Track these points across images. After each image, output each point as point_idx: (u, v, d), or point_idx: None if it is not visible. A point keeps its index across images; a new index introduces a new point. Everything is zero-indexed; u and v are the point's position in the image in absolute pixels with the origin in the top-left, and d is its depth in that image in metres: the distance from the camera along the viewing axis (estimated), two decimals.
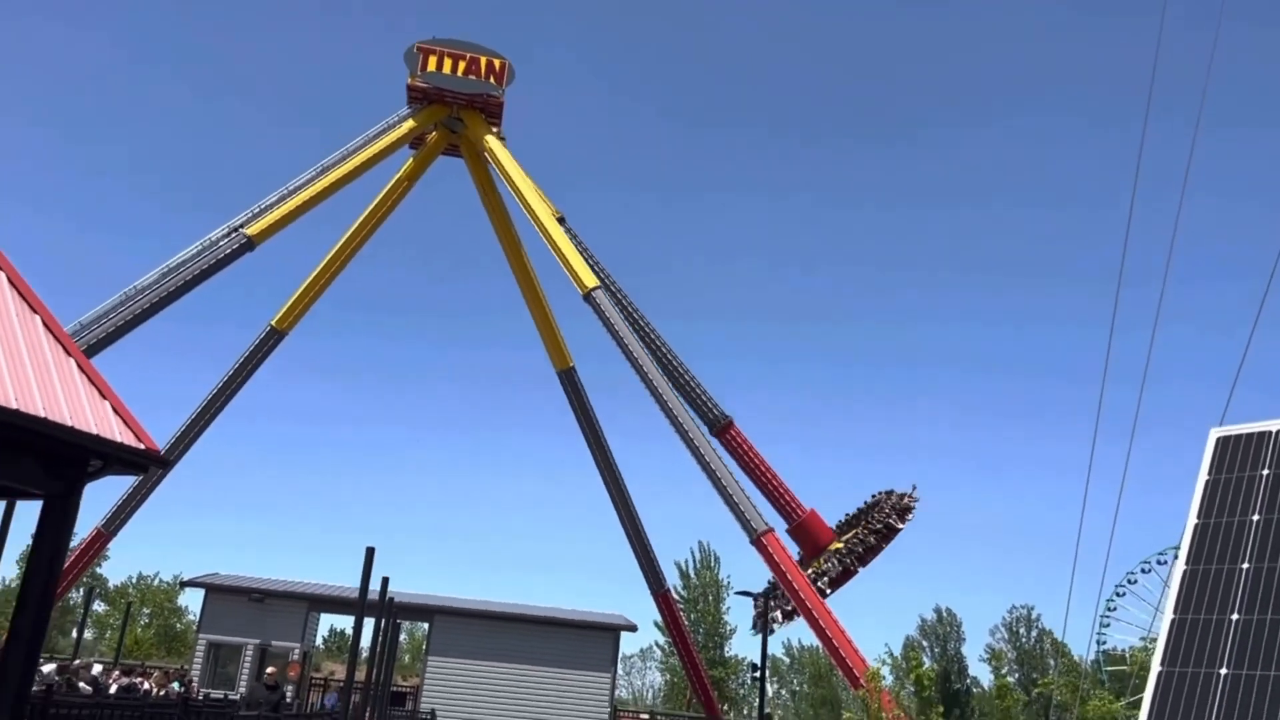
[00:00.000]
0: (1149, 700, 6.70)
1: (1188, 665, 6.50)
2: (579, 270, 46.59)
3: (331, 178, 46.88)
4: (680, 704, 65.01)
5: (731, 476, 43.97)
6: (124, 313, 40.83)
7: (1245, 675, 6.26)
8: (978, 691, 75.15)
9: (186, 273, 42.72)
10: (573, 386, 51.50)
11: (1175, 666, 6.57)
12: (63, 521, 9.46)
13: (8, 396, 8.68)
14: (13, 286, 10.05)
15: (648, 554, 51.60)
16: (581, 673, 32.04)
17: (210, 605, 32.33)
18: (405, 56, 49.73)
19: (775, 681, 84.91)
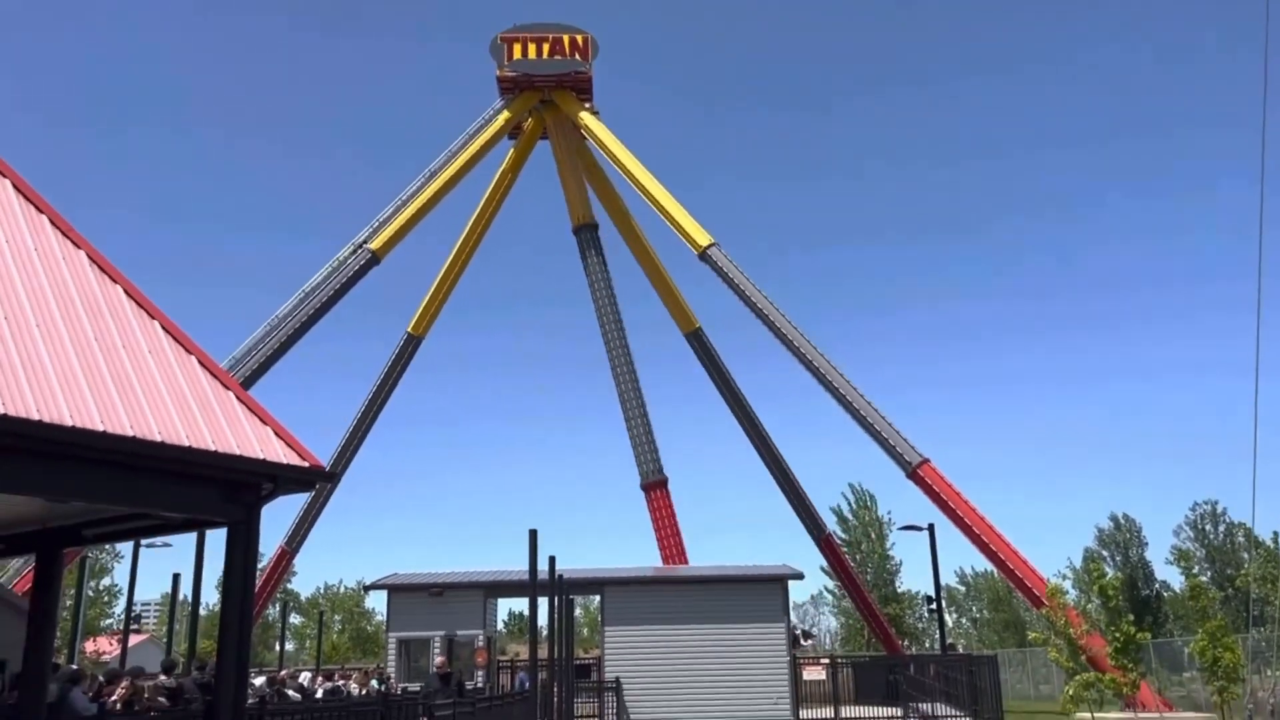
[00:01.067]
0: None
1: None
2: (691, 230, 46.52)
3: (440, 181, 48.05)
4: (858, 645, 64.77)
5: (877, 412, 43.38)
6: (271, 342, 43.01)
7: None
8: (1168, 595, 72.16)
9: (322, 295, 44.63)
10: (702, 347, 51.55)
11: None
12: (246, 544, 10.09)
13: (179, 435, 9.30)
14: (167, 334, 10.72)
15: (803, 502, 51.46)
16: (755, 625, 32.25)
17: (394, 605, 33.87)
18: (491, 49, 50.34)
19: (954, 611, 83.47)
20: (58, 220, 10.80)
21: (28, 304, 9.33)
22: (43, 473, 8.42)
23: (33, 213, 10.63)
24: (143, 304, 10.72)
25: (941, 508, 41.42)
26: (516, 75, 49.63)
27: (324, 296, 44.54)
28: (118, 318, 10.24)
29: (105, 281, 10.63)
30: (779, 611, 32.99)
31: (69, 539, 11.61)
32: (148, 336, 10.37)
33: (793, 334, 44.44)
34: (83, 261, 10.61)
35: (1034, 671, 49.17)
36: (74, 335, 9.44)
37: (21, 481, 8.39)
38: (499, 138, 50.27)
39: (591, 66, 50.13)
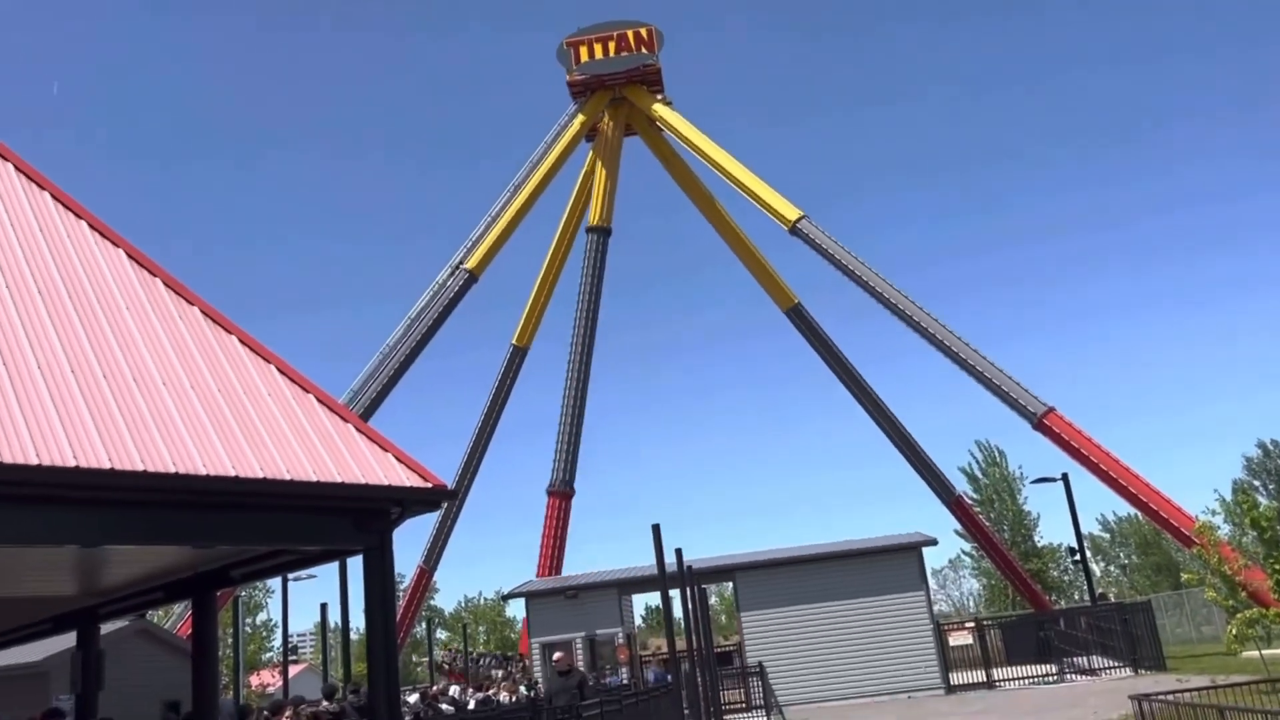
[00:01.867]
0: None
1: None
2: (778, 206, 46.09)
3: (525, 193, 48.67)
4: (1003, 605, 63.18)
5: (993, 365, 42.27)
6: (386, 370, 44.28)
7: None
8: None
9: (426, 319, 45.73)
10: (804, 321, 50.98)
11: None
12: (382, 568, 10.42)
13: (307, 472, 9.65)
14: (284, 375, 11.15)
15: (928, 466, 50.45)
16: (894, 596, 31.83)
17: (533, 611, 34.57)
18: (558, 56, 50.74)
19: (1100, 559, 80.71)
20: (170, 281, 11.33)
21: (150, 360, 9.81)
22: (184, 522, 8.85)
23: (146, 276, 11.18)
24: (257, 350, 11.17)
25: (1073, 455, 40.11)
26: (586, 78, 49.92)
27: (429, 320, 45.62)
28: (236, 365, 10.68)
29: (220, 332, 11.10)
30: (916, 580, 32.46)
31: (219, 581, 12.18)
32: (266, 381, 10.79)
33: (896, 296, 43.63)
34: (198, 316, 11.11)
35: (1193, 614, 47.16)
36: (197, 386, 9.89)
37: (167, 532, 8.84)
38: (577, 142, 50.65)
39: (659, 57, 50.09)
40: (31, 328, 9.18)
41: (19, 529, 7.95)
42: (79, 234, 11.12)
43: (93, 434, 8.32)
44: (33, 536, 8.08)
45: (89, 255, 10.89)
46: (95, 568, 11.42)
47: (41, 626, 14.62)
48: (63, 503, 8.06)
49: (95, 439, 8.28)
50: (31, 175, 11.53)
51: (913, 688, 30.68)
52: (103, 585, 12.67)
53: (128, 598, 13.11)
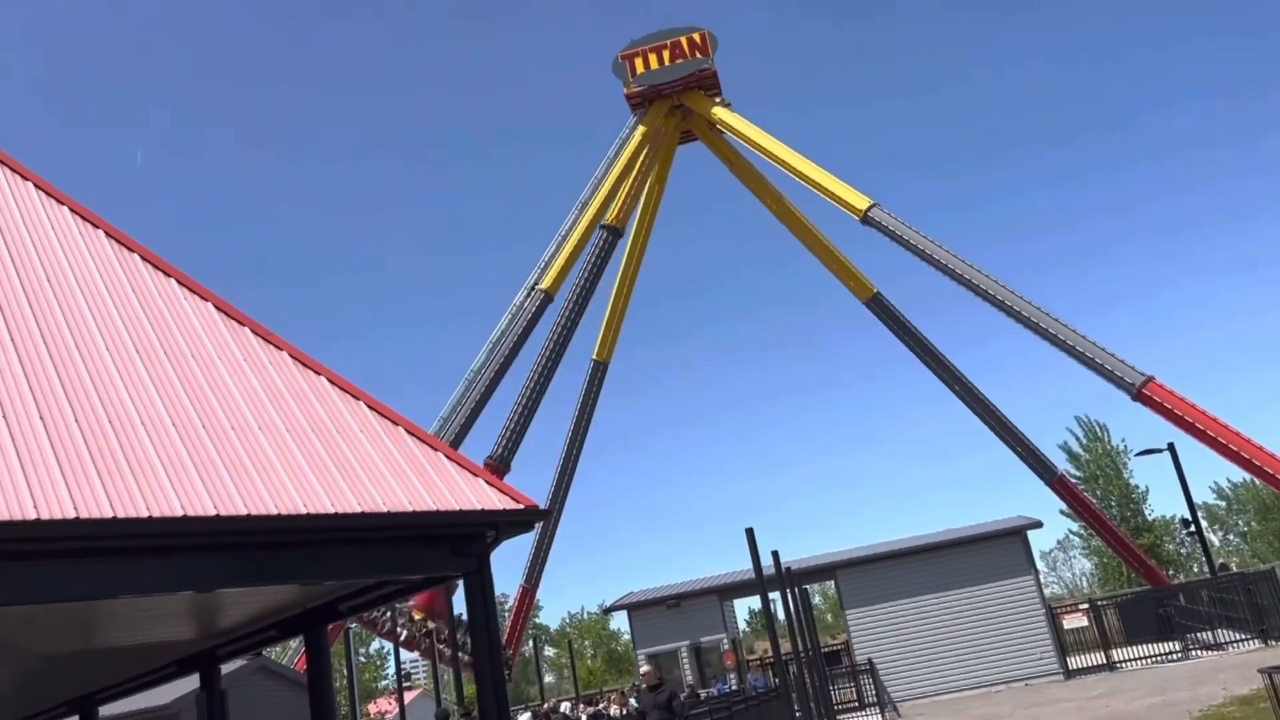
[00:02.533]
0: None
1: None
2: (847, 197, 45.58)
3: (593, 209, 48.98)
4: (1118, 583, 61.22)
5: (1085, 339, 41.11)
6: (473, 396, 44.94)
7: None
8: None
9: (507, 342, 46.31)
10: (885, 310, 50.23)
11: None
12: (483, 591, 10.58)
13: (402, 503, 9.88)
14: (372, 410, 11.43)
15: (1027, 446, 49.18)
16: (1002, 583, 31.13)
17: (637, 622, 34.70)
18: (614, 70, 51.00)
19: (1217, 529, 77.67)
20: (258, 329, 11.73)
21: (246, 407, 10.15)
22: (290, 561, 9.12)
23: (235, 325, 11.59)
24: (345, 387, 11.47)
25: (1177, 424, 38.71)
26: (643, 89, 50.07)
27: (510, 343, 46.18)
28: (326, 404, 10.99)
29: (309, 374, 11.44)
30: (1024, 564, 31.71)
31: (328, 615, 12.52)
32: (356, 417, 11.07)
33: (978, 277, 42.69)
34: (287, 360, 11.47)
35: None
36: (292, 429, 10.20)
37: (273, 572, 9.13)
38: (639, 154, 50.78)
39: (714, 61, 50.02)
40: (132, 385, 9.58)
41: (135, 579, 8.29)
42: (169, 291, 11.57)
43: (197, 483, 8.65)
44: (149, 586, 8.41)
45: (180, 311, 11.32)
46: (211, 611, 11.84)
47: (166, 670, 15.18)
48: (174, 551, 8.40)
49: (200, 488, 8.60)
50: (121, 240, 12.05)
51: (1029, 675, 29.94)
52: (219, 627, 13.11)
53: (243, 638, 13.55)
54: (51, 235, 11.56)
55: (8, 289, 10.17)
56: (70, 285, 10.81)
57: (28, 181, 12.32)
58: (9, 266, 10.58)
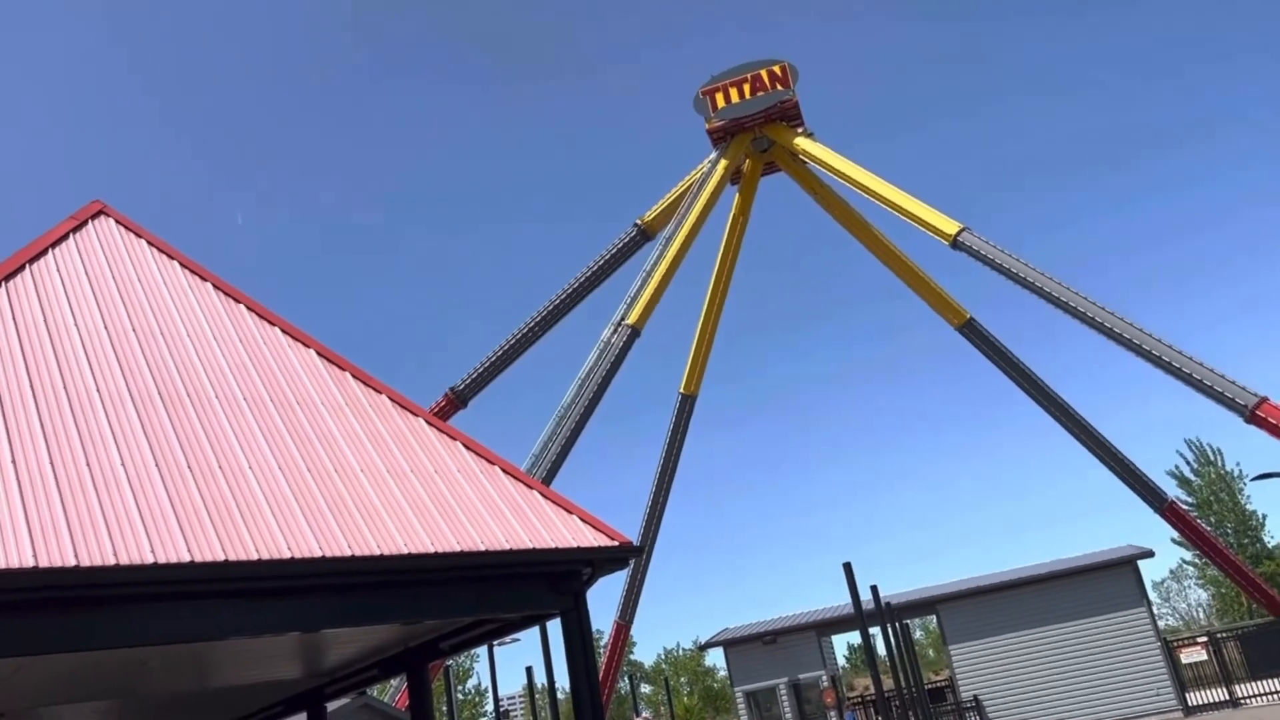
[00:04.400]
0: None
1: None
2: (936, 222, 44.88)
3: (677, 244, 49.13)
4: (1238, 615, 58.32)
5: (1192, 360, 39.55)
6: (563, 432, 45.26)
7: None
8: None
9: (596, 378, 46.59)
10: (980, 336, 49.12)
11: None
12: (580, 628, 10.63)
13: (500, 542, 10.01)
14: (469, 450, 11.64)
15: (1133, 473, 47.35)
16: (1113, 615, 29.96)
17: (733, 659, 34.32)
18: (695, 106, 51.31)
19: None
20: (359, 373, 12.06)
21: (348, 450, 10.43)
22: (392, 600, 9.32)
23: (336, 371, 11.94)
24: (443, 429, 11.72)
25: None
26: (725, 123, 50.24)
27: (598, 378, 46.45)
28: (425, 447, 11.22)
29: (408, 416, 11.71)
30: (1136, 595, 30.49)
31: (430, 654, 12.71)
32: (454, 458, 11.28)
33: (1076, 300, 41.50)
34: (386, 403, 11.77)
35: None
36: (393, 471, 10.44)
37: (376, 612, 9.32)
38: (722, 188, 50.84)
39: (795, 92, 49.98)
40: (241, 432, 9.94)
41: (245, 620, 8.55)
42: (274, 340, 11.99)
43: (303, 526, 8.91)
44: (258, 627, 8.66)
45: (284, 358, 11.72)
46: (317, 651, 12.12)
47: (275, 709, 15.57)
48: (282, 593, 8.64)
49: (306, 530, 8.86)
50: (228, 291, 12.54)
51: (1145, 711, 28.66)
52: (325, 667, 13.41)
53: (348, 676, 13.82)
54: (163, 288, 12.10)
55: (124, 342, 10.66)
56: (181, 337, 11.29)
57: (141, 238, 12.94)
58: (124, 320, 11.09)
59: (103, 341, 10.52)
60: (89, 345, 10.34)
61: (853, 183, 47.43)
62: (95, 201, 13.19)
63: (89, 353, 10.21)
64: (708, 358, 51.36)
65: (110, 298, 11.41)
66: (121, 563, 7.54)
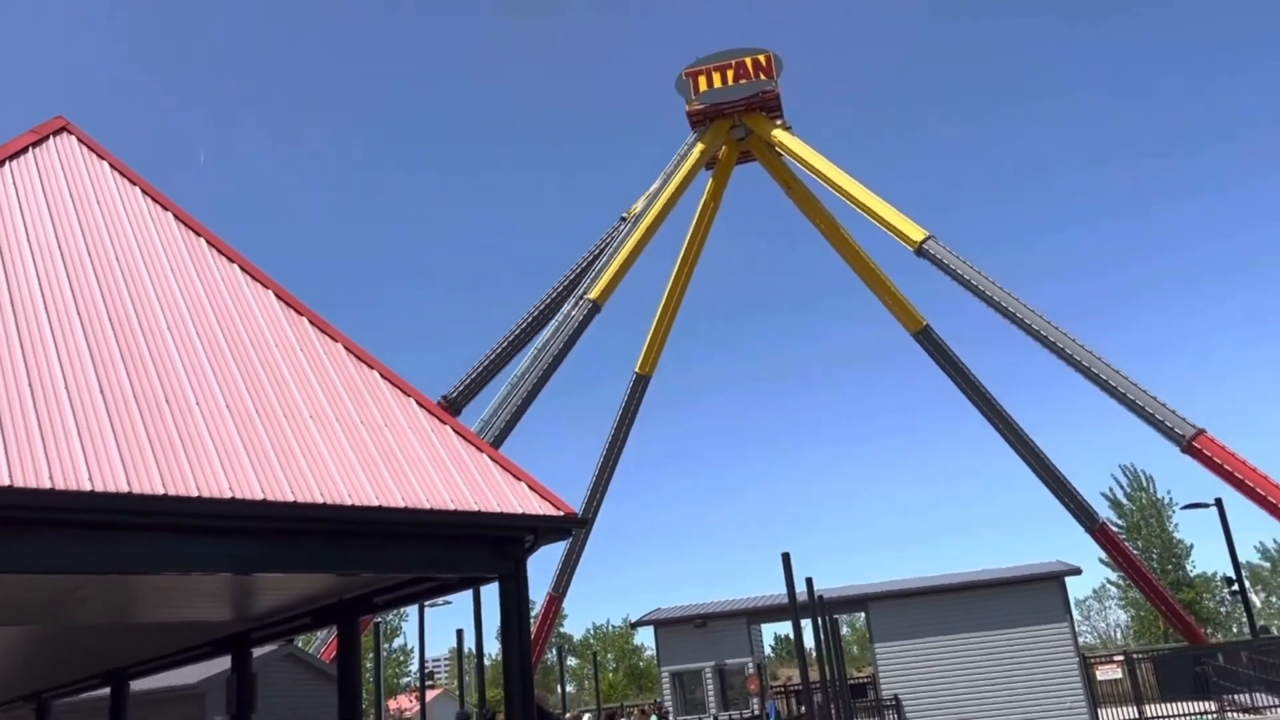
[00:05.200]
0: None
1: None
2: (903, 227, 45.27)
3: (646, 224, 49.09)
4: (1155, 637, 59.91)
5: (1137, 386, 40.39)
6: (514, 400, 45.12)
7: None
8: None
9: (552, 349, 46.47)
10: (933, 344, 49.77)
11: None
12: (518, 595, 10.61)
13: (445, 501, 9.93)
14: (422, 408, 11.53)
15: (1070, 492, 48.39)
16: (1035, 628, 30.60)
17: (663, 639, 34.55)
18: (677, 87, 51.19)
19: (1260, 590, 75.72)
20: (316, 319, 11.87)
21: (299, 396, 10.28)
22: (331, 551, 9.21)
23: (293, 315, 11.75)
24: (396, 383, 11.58)
25: (1227, 479, 37.85)
26: (705, 107, 50.18)
27: (555, 350, 46.34)
28: (378, 399, 11.09)
29: (363, 367, 11.56)
30: (1060, 610, 31.15)
31: (363, 607, 12.61)
32: (406, 413, 11.17)
33: (1030, 317, 42.16)
34: (341, 352, 11.60)
35: None
36: (342, 420, 10.31)
37: (314, 561, 9.22)
38: (696, 171, 50.86)
39: (778, 83, 50.00)
40: (191, 367, 9.74)
41: (179, 556, 8.41)
42: (232, 277, 11.76)
43: (247, 467, 8.76)
44: (191, 564, 8.53)
45: (241, 297, 11.50)
46: (248, 594, 11.98)
47: (200, 650, 15.36)
48: (220, 533, 8.51)
49: (249, 472, 8.72)
50: (189, 223, 12.26)
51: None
52: (255, 611, 13.26)
53: (278, 623, 13.68)
54: (122, 213, 11.78)
55: (77, 264, 10.37)
56: (137, 264, 11.01)
57: (104, 160, 12.59)
58: (79, 241, 10.79)
59: (55, 260, 10.23)
60: (40, 263, 10.05)
61: (825, 180, 47.66)
62: (58, 118, 12.79)
63: (40, 270, 9.92)
64: (666, 339, 51.48)
65: (66, 217, 11.10)
66: (57, 487, 7.37)
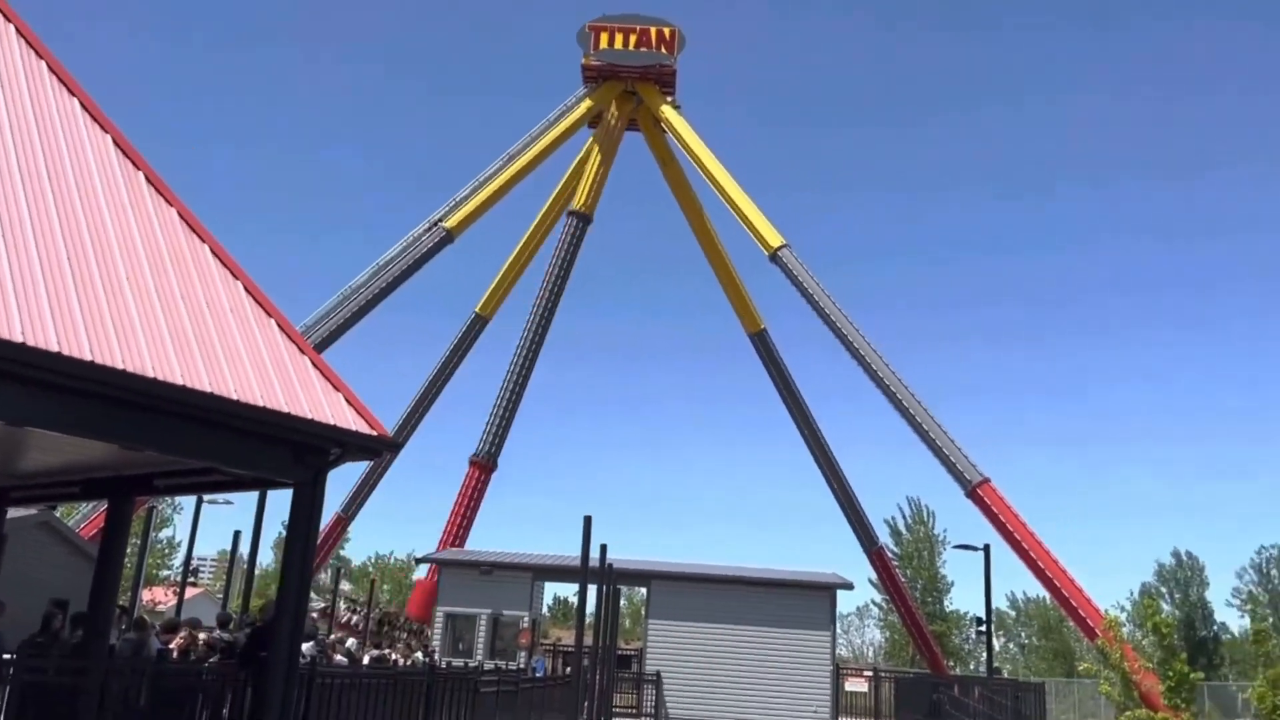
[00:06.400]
0: None
1: None
2: (763, 230, 46.26)
3: (518, 165, 48.37)
4: (902, 660, 64.02)
5: (939, 426, 42.75)
6: (344, 311, 43.73)
7: None
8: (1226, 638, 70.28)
9: (394, 269, 45.26)
10: (766, 349, 51.25)
11: None
12: (312, 506, 10.29)
13: (255, 395, 9.49)
14: (250, 295, 10.95)
15: (857, 512, 50.94)
16: (800, 632, 32.07)
17: (446, 579, 34.34)
18: (578, 37, 50.50)
19: (1001, 635, 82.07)
20: (153, 177, 11.09)
21: (120, 257, 9.58)
22: (121, 420, 8.65)
23: (130, 168, 10.93)
24: (228, 263, 10.96)
25: (999, 529, 40.69)
26: (601, 65, 49.72)
27: (398, 270, 45.16)
28: (204, 276, 10.48)
29: (194, 239, 10.88)
30: (825, 620, 32.75)
31: (140, 487, 11.94)
32: (231, 296, 10.60)
33: (859, 341, 43.97)
34: (174, 219, 10.88)
35: (1080, 704, 48.15)
36: (161, 290, 9.68)
37: (100, 427, 8.64)
38: (579, 125, 50.41)
39: (677, 60, 50.02)
40: (4, 200, 8.92)
41: None
42: (70, 113, 10.84)
43: (46, 316, 8.11)
44: None
45: (76, 135, 10.61)
46: (17, 448, 11.14)
47: None
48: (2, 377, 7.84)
49: (49, 320, 8.07)
50: (33, 42, 11.20)
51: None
52: (21, 468, 12.37)
53: (46, 486, 12.83)
54: None
55: None
56: None
57: None
58: None
59: None
60: None
61: (701, 167, 48.12)
62: None
63: None
64: (513, 285, 50.91)
65: None
66: None
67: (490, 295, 50.05)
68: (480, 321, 49.91)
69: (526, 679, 19.30)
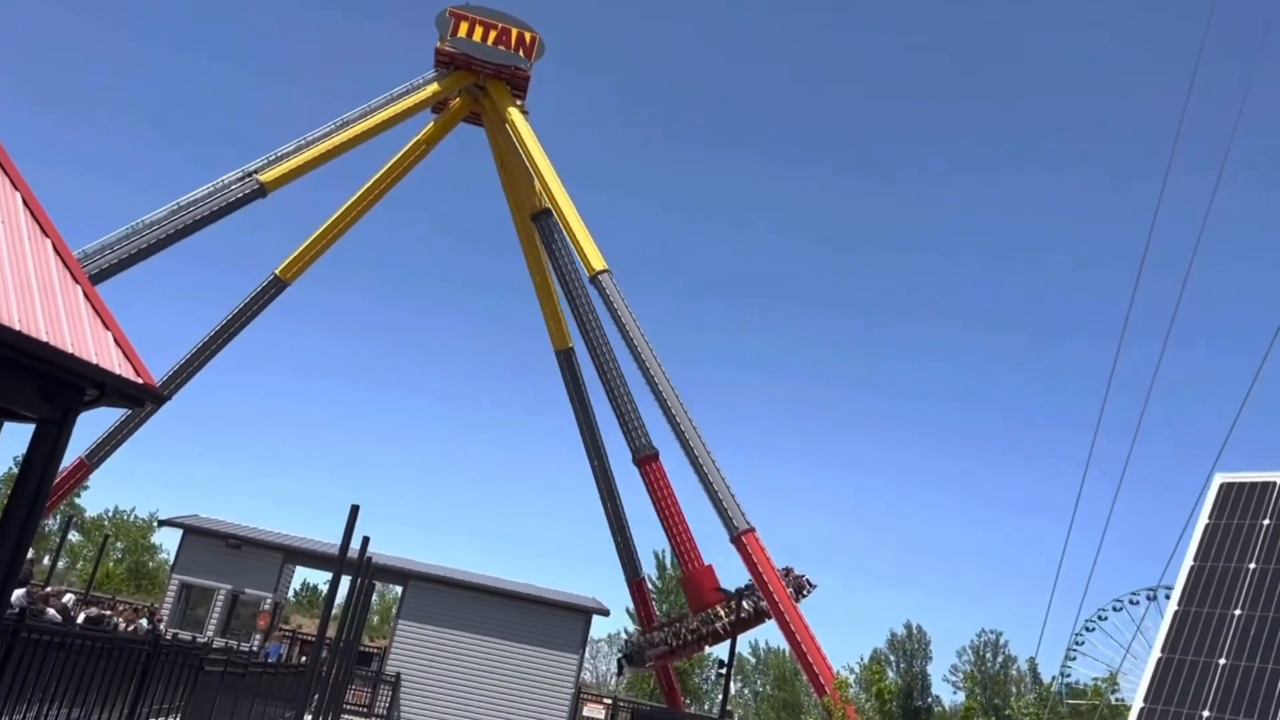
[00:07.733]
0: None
1: (1170, 704, 6.48)
2: (589, 252, 46.53)
3: (350, 133, 46.72)
4: (643, 692, 65.23)
5: (718, 471, 44.01)
6: (130, 246, 40.70)
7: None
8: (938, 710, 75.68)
9: (196, 212, 42.59)
10: (570, 368, 51.47)
11: (1158, 704, 6.55)
12: (54, 447, 9.40)
13: (11, 317, 8.61)
14: (27, 209, 9.97)
15: (627, 541, 51.66)
16: (549, 651, 32.12)
17: (187, 547, 32.31)
18: (437, 20, 49.51)
19: (739, 680, 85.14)
20: None
21: None
22: None
23: None
24: (10, 171, 9.95)
25: (755, 577, 42.21)
26: (455, 53, 48.87)
27: (199, 214, 42.48)
28: None
29: None
30: (576, 643, 32.96)
31: None
32: (5, 208, 9.61)
33: (658, 375, 44.78)
34: None
35: None
36: None
37: None
38: (422, 107, 49.26)
39: (532, 67, 49.81)
40: None
41: None
42: None
43: None
44: None
45: None
46: None
47: None
48: None
49: None
50: None
51: None
52: None
53: None
54: None
55: None
56: None
57: None
58: None
59: None
60: None
61: (539, 176, 47.98)
62: None
63: None
64: (320, 254, 48.97)
65: None
66: None
67: (294, 260, 47.96)
68: (278, 284, 47.70)
69: (257, 663, 18.31)
